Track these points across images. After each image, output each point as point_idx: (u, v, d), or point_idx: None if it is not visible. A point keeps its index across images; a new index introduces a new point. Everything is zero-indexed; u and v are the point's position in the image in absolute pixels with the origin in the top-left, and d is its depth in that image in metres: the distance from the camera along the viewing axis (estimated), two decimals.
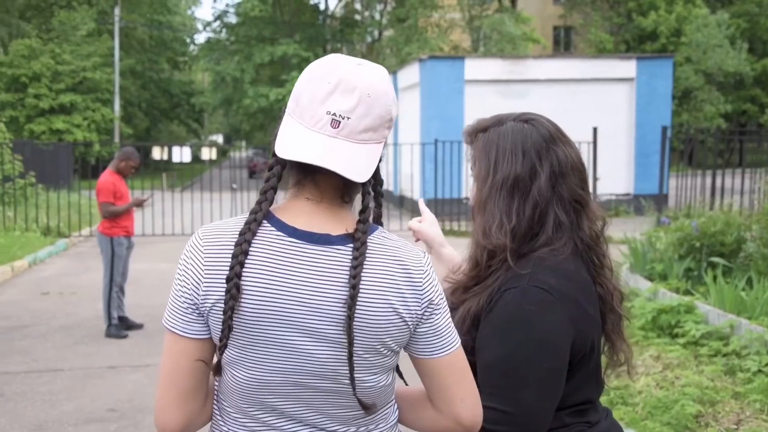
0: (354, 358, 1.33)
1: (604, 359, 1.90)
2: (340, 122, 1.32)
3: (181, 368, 1.39)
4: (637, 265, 7.76)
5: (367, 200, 1.38)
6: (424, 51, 28.25)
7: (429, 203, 16.66)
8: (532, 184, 1.65)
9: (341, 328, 1.33)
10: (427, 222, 2.11)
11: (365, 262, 1.34)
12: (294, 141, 1.34)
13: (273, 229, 1.36)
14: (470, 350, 1.61)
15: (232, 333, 1.34)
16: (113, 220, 7.13)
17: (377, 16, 37.71)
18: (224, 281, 1.33)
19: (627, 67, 18.65)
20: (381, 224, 1.48)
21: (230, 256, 1.33)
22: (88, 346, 6.79)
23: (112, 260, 7.14)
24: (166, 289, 9.01)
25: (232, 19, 37.84)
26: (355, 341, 1.33)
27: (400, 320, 1.36)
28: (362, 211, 1.38)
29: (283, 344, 1.34)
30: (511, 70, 18.05)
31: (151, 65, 41.14)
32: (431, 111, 17.69)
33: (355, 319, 1.32)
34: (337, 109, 1.32)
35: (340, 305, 1.32)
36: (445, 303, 1.44)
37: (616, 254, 8.86)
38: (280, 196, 1.43)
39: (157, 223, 14.63)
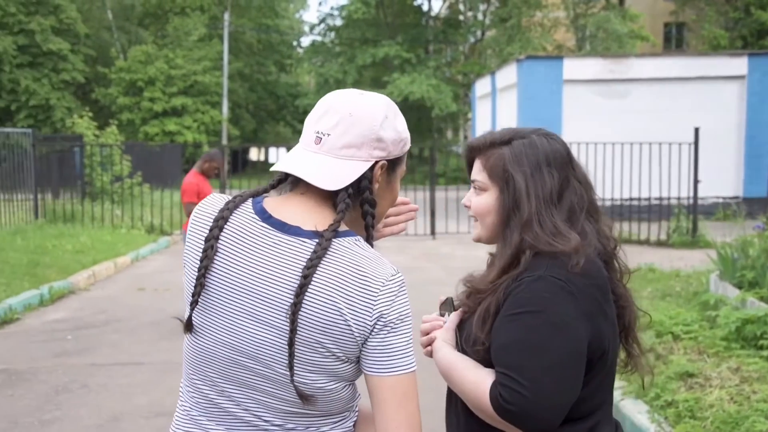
0: (295, 347, 1.39)
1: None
2: (321, 138, 1.48)
3: None
4: (726, 273, 7.41)
5: (341, 207, 1.45)
6: (526, 51, 27.85)
7: None
8: (565, 194, 1.73)
9: (284, 315, 1.39)
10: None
11: (325, 260, 1.41)
12: (285, 157, 1.53)
13: (252, 212, 1.49)
14: (488, 349, 1.65)
15: (197, 303, 1.46)
16: None
17: (480, 17, 37.44)
18: (197, 244, 1.49)
19: (737, 65, 17.80)
20: (371, 243, 1.53)
21: (208, 224, 1.48)
22: (171, 341, 7.08)
23: None
24: None
25: (337, 21, 38.42)
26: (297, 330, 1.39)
27: (345, 325, 1.40)
28: (337, 215, 1.45)
29: (229, 318, 1.44)
30: (611, 70, 17.57)
31: (258, 68, 42.32)
32: (528, 112, 17.43)
33: (301, 309, 1.38)
34: (320, 128, 1.49)
35: (289, 293, 1.40)
36: (405, 325, 1.45)
37: (707, 261, 8.50)
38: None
39: None
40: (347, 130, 1.47)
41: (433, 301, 1.89)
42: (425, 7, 39.15)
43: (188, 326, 1.48)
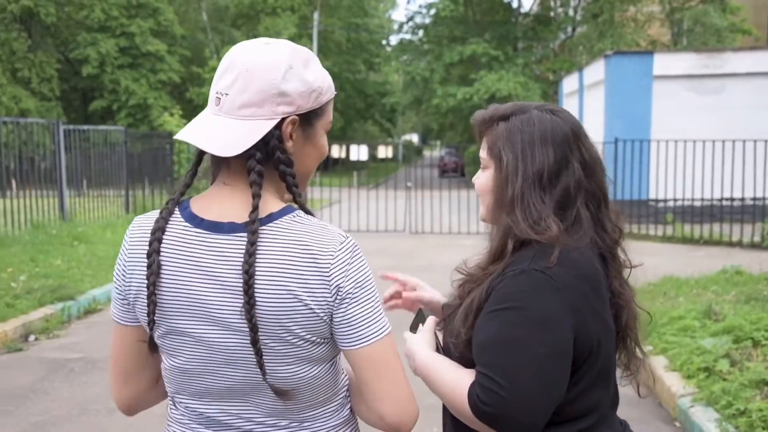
0: (260, 345, 1.33)
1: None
2: (220, 99, 1.36)
3: (120, 351, 1.50)
4: None
5: (253, 177, 1.35)
6: (618, 46, 27.11)
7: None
8: (561, 176, 1.59)
9: (242, 316, 1.33)
10: (420, 288, 2.00)
11: (266, 248, 1.33)
12: (189, 124, 1.40)
13: (182, 220, 1.39)
14: (467, 343, 1.57)
15: (155, 323, 1.39)
16: None
17: (571, 13, 36.68)
18: (144, 267, 1.38)
19: None
20: (305, 208, 1.44)
21: (148, 241, 1.38)
22: None
23: None
24: None
25: (425, 20, 38.39)
26: (258, 328, 1.33)
27: (305, 308, 1.33)
28: (253, 190, 1.35)
29: (192, 333, 1.38)
30: (705, 64, 16.87)
31: (347, 67, 42.75)
32: (615, 109, 16.94)
33: (255, 306, 1.31)
34: (220, 88, 1.37)
35: (240, 293, 1.32)
36: (366, 291, 1.38)
37: None
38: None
39: (335, 220, 15.18)
40: (245, 86, 1.34)
41: None
42: (515, 4, 38.66)
43: (152, 346, 1.42)
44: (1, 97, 32.85)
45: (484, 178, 1.69)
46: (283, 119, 1.37)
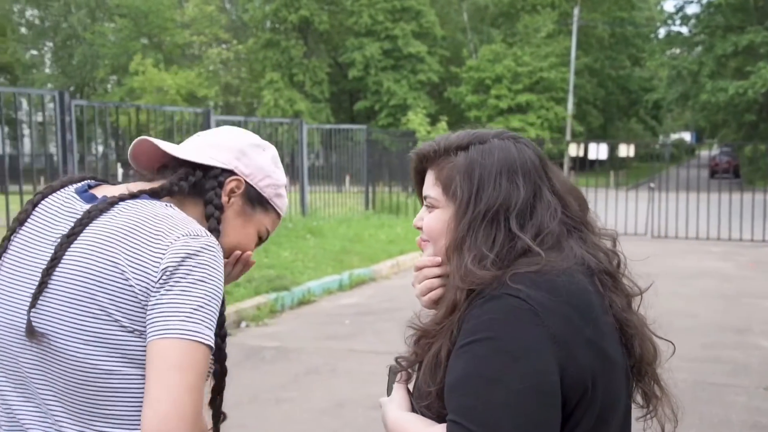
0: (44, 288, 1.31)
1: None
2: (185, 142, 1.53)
3: None
4: None
5: (171, 176, 1.44)
6: None
7: None
8: (535, 209, 1.41)
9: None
10: None
11: (111, 216, 1.32)
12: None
13: (72, 191, 1.41)
14: (442, 397, 1.34)
15: None
16: None
17: None
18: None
19: None
20: None
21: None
22: None
23: None
24: None
25: (696, 9, 35.72)
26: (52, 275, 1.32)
27: (122, 278, 1.26)
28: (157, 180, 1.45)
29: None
30: None
31: (610, 63, 41.04)
32: None
33: (61, 260, 1.31)
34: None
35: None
36: (194, 287, 1.26)
37: None
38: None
39: None
40: (215, 141, 1.50)
41: (746, 315, 1.56)
42: None
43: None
44: (278, 100, 35.89)
45: (433, 219, 1.46)
46: (232, 174, 1.45)
